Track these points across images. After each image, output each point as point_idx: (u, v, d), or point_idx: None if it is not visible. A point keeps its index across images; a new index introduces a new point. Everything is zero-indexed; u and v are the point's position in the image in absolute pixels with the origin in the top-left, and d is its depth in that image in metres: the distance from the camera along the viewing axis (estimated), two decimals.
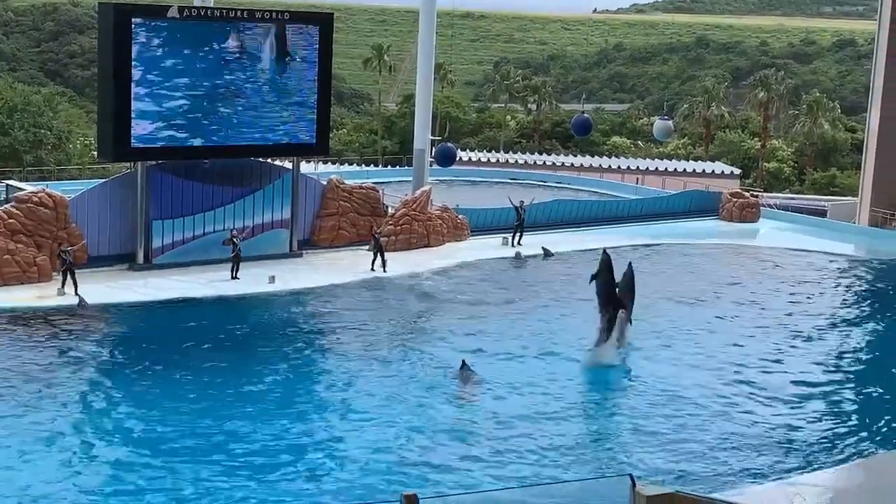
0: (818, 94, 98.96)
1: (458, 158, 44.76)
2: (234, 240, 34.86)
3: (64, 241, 33.16)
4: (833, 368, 28.66)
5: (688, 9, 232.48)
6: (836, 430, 23.82)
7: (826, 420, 24.48)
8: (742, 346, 29.98)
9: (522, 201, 42.45)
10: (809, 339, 31.25)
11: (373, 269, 36.41)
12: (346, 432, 22.53)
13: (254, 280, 34.00)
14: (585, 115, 41.47)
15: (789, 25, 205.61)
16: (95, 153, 52.31)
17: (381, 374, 26.21)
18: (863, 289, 39.59)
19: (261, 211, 37.31)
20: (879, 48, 51.76)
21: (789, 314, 33.94)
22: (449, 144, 43.62)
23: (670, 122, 44.70)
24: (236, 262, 34.48)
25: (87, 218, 34.81)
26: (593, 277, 27.80)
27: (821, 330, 32.46)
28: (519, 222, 41.79)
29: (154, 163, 35.45)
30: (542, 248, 40.93)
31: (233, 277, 34.32)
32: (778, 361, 28.72)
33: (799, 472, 21.21)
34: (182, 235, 35.85)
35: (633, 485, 16.96)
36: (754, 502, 19.33)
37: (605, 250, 28.96)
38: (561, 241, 42.77)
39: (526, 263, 39.75)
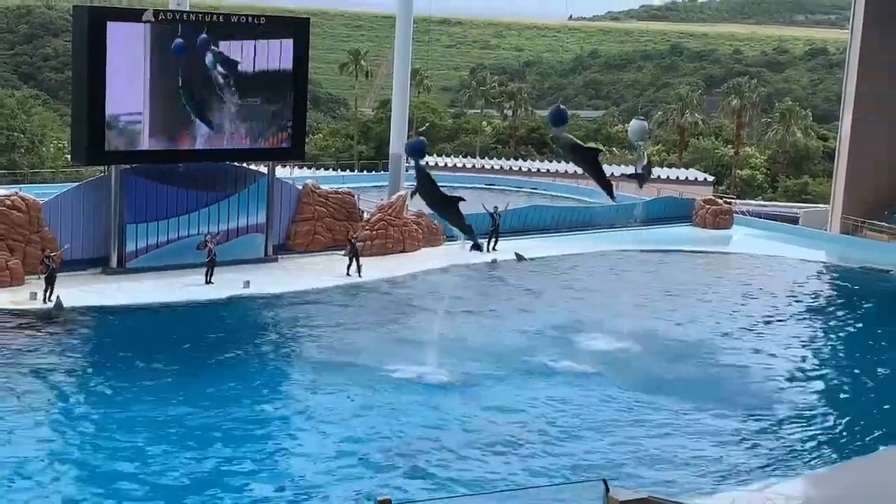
0: (791, 102, 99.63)
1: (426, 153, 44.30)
2: (209, 244, 34.82)
3: (46, 248, 32.99)
4: (802, 375, 28.84)
5: (662, 17, 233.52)
6: (806, 436, 24.02)
7: (796, 426, 24.67)
8: (711, 352, 30.14)
9: (497, 207, 42.55)
10: (779, 345, 31.47)
11: (348, 274, 36.44)
12: (314, 437, 22.52)
13: (228, 284, 33.94)
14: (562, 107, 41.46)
15: (762, 34, 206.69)
16: (69, 156, 52.09)
17: (352, 379, 26.16)
18: (832, 295, 39.92)
19: (236, 215, 37.24)
20: (851, 57, 52.20)
21: (758, 320, 34.17)
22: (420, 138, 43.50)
23: (645, 123, 44.76)
24: (211, 266, 34.43)
25: (60, 221, 34.67)
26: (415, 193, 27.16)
27: (790, 336, 32.73)
28: (494, 228, 41.88)
29: (128, 166, 35.35)
30: (515, 253, 41.03)
31: (207, 282, 34.26)
32: (745, 367, 28.92)
33: (771, 478, 21.36)
34: (156, 239, 35.74)
35: (607, 489, 17.07)
36: None
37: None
38: (536, 246, 42.92)
39: (500, 269, 39.82)
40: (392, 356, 27.90)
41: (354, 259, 36.59)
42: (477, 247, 27.79)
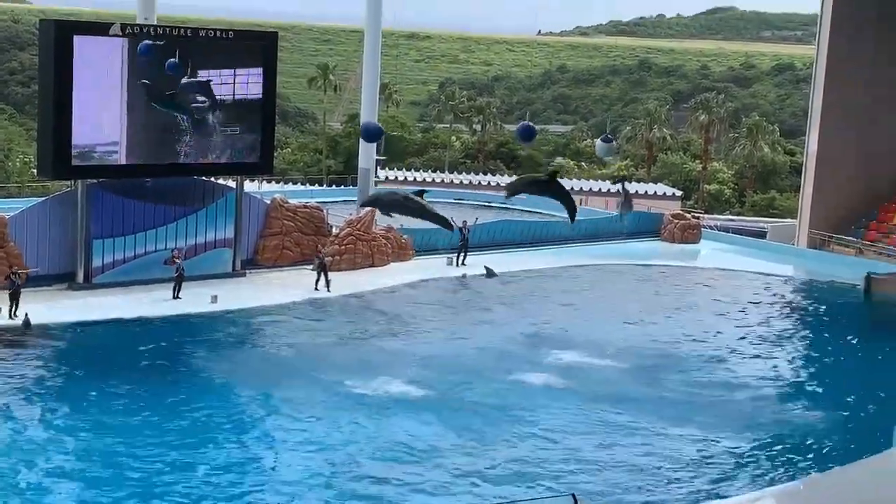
0: (758, 118, 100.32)
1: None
2: (176, 259, 34.58)
3: (13, 264, 32.67)
4: (770, 390, 28.92)
5: (630, 32, 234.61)
6: (777, 452, 24.08)
7: (766, 442, 24.70)
8: (682, 367, 30.20)
9: (466, 222, 42.55)
10: (747, 359, 31.59)
11: (317, 289, 36.29)
12: (277, 454, 22.44)
13: (196, 300, 33.71)
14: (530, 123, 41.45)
15: (729, 49, 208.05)
16: (35, 171, 51.70)
17: (318, 395, 26.00)
18: (800, 309, 40.14)
19: (204, 230, 37.04)
20: (818, 72, 52.56)
21: (725, 335, 34.29)
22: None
23: (613, 143, 44.94)
24: (179, 281, 34.18)
25: (26, 236, 34.34)
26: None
27: (757, 350, 32.85)
28: (463, 243, 41.85)
29: (95, 181, 35.09)
30: (485, 267, 41.01)
31: (175, 297, 34.03)
32: (715, 382, 28.98)
33: (737, 493, 21.37)
34: (123, 254, 35.48)
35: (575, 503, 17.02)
36: None
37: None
38: (505, 261, 42.92)
39: (470, 284, 39.79)
40: (356, 371, 27.74)
41: (323, 274, 36.46)
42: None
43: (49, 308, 32.02)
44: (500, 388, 27.25)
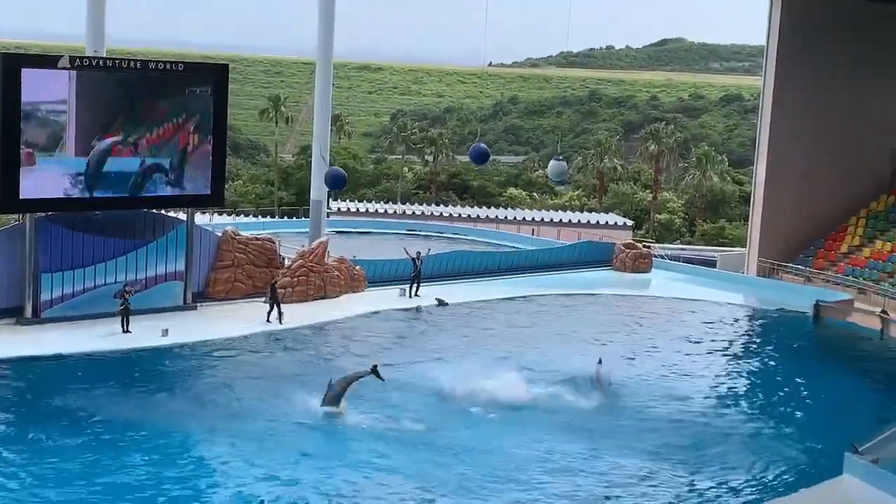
0: (707, 148, 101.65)
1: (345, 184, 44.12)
2: (126, 295, 34.15)
3: None
4: (721, 417, 29.09)
5: (580, 63, 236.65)
6: (720, 479, 24.21)
7: (709, 468, 24.82)
8: (628, 394, 30.29)
9: (420, 252, 42.58)
10: (698, 386, 31.79)
11: (268, 321, 36.11)
12: (217, 490, 22.17)
13: (146, 333, 33.38)
14: (483, 144, 41.81)
15: (678, 80, 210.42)
16: None
17: (266, 429, 25.79)
18: (750, 337, 40.49)
19: (154, 263, 36.75)
20: (765, 103, 53.23)
21: (677, 362, 34.50)
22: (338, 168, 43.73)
23: (564, 163, 45.24)
24: (125, 314, 33.76)
25: None
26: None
27: (709, 377, 33.08)
28: (416, 273, 41.86)
29: (43, 214, 34.77)
30: (436, 298, 41.04)
31: (124, 331, 33.68)
32: (665, 409, 29.12)
33: None
34: (72, 288, 35.12)
35: None
36: None
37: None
38: (457, 291, 42.97)
39: (422, 314, 39.77)
40: (304, 402, 27.62)
41: (275, 306, 36.30)
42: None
43: None
44: (450, 416, 27.19)
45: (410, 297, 41.43)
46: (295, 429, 25.93)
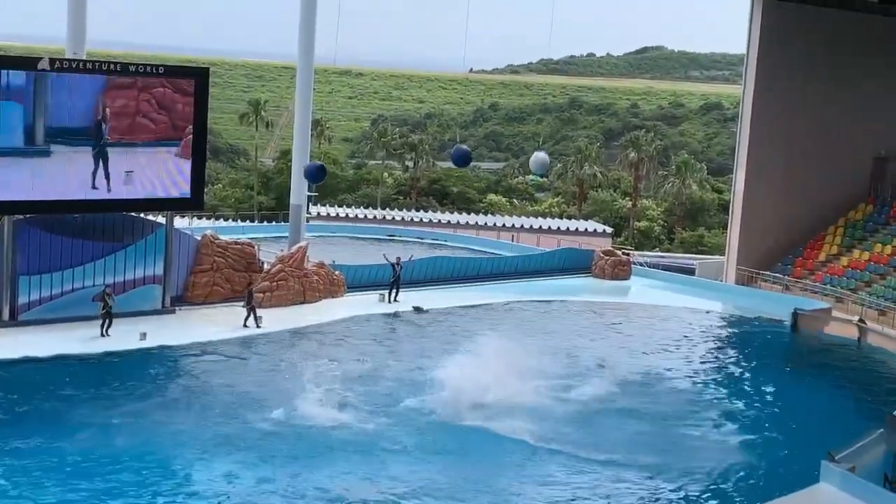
0: (686, 156, 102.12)
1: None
2: (107, 298, 34.01)
3: None
4: (697, 426, 29.11)
5: (561, 70, 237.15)
6: (697, 487, 24.26)
7: (686, 475, 24.84)
8: (606, 401, 30.30)
9: (399, 258, 42.55)
10: (673, 392, 31.87)
11: (245, 325, 36.02)
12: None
13: (125, 337, 33.23)
14: (465, 146, 41.83)
15: (658, 88, 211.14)
16: None
17: (243, 435, 25.68)
18: (728, 345, 40.59)
19: (133, 266, 36.62)
20: (744, 112, 53.52)
21: (656, 369, 34.56)
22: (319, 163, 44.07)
23: (546, 156, 45.33)
24: (106, 318, 33.70)
25: None
26: None
27: (684, 384, 33.18)
28: (395, 279, 41.83)
29: (22, 216, 34.59)
30: (413, 306, 41.02)
31: (103, 335, 33.53)
32: (644, 416, 29.16)
33: None
34: (50, 291, 34.95)
35: None
36: None
37: None
38: (437, 297, 42.97)
39: (400, 320, 39.74)
40: (278, 406, 27.59)
41: (252, 311, 36.21)
42: None
43: None
44: (429, 422, 27.20)
45: (389, 302, 41.40)
46: (266, 433, 25.83)
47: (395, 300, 41.54)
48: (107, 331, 33.61)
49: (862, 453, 23.48)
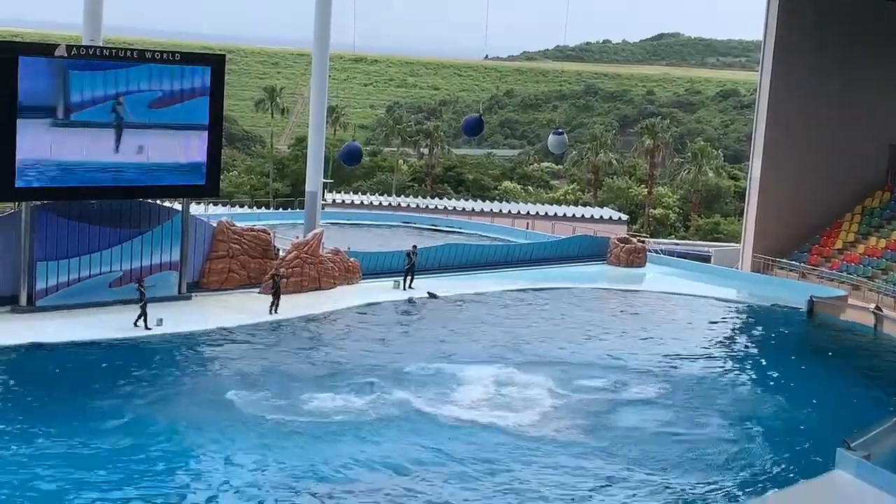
0: (702, 143, 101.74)
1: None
2: (141, 288, 33.93)
3: None
4: (713, 409, 29.11)
5: (576, 57, 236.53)
6: (714, 473, 24.26)
7: (703, 463, 24.86)
8: (617, 387, 30.36)
9: (415, 246, 42.60)
10: (689, 379, 31.85)
11: (275, 312, 36.18)
12: (209, 486, 22.06)
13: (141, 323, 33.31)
14: (479, 115, 41.75)
15: (674, 75, 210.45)
16: None
17: (259, 422, 25.75)
18: (744, 332, 40.57)
19: (149, 253, 36.78)
20: (761, 98, 53.27)
21: (671, 357, 34.54)
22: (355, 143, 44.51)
23: (565, 136, 45.34)
24: (143, 310, 33.33)
25: None
26: None
27: (700, 371, 33.13)
28: (409, 266, 41.85)
29: (39, 203, 34.76)
30: (427, 291, 41.06)
31: (136, 324, 33.20)
32: (658, 405, 29.15)
33: None
34: (67, 277, 35.12)
35: None
36: None
37: None
38: (451, 284, 43.00)
39: (415, 307, 39.78)
40: (304, 392, 27.72)
41: (276, 297, 36.38)
42: None
43: None
44: (440, 408, 27.25)
45: (404, 289, 41.45)
46: (285, 420, 25.93)
47: (409, 287, 41.58)
48: (141, 322, 33.39)
49: (877, 441, 23.45)
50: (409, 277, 41.80)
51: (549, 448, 25.04)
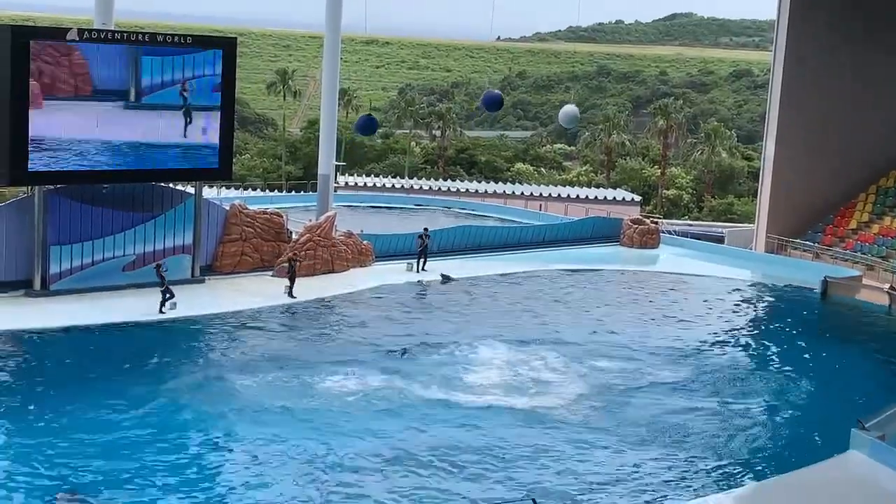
0: (716, 123, 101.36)
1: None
2: (161, 272, 33.78)
3: None
4: (727, 390, 29.03)
5: (589, 38, 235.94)
6: (727, 453, 24.24)
7: (716, 443, 24.83)
8: (631, 368, 30.32)
9: (426, 228, 42.58)
10: (702, 360, 31.82)
11: (293, 296, 36.20)
12: (223, 471, 22.11)
13: (155, 307, 33.39)
14: (497, 91, 41.72)
15: (687, 55, 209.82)
16: None
17: (272, 403, 25.78)
18: (757, 312, 40.51)
19: (162, 236, 36.83)
20: (775, 79, 53.04)
21: (685, 339, 34.49)
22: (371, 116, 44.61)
23: (576, 108, 45.22)
24: (164, 294, 33.31)
25: None
26: None
27: (714, 352, 33.10)
28: (421, 249, 41.77)
29: (52, 187, 34.83)
30: (441, 274, 41.01)
31: (161, 311, 33.20)
32: (671, 387, 29.12)
33: (693, 496, 21.50)
34: (80, 261, 35.20)
35: None
36: None
37: None
38: (465, 266, 42.99)
39: (428, 289, 39.78)
40: (323, 375, 27.76)
41: (292, 280, 36.46)
42: None
43: (2, 315, 31.68)
44: (454, 391, 27.25)
45: (417, 271, 41.45)
46: (298, 402, 26.00)
47: (422, 269, 41.58)
48: (164, 308, 33.30)
49: (892, 421, 23.46)
50: (421, 260, 41.79)
51: (564, 428, 25.02)
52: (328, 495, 20.52)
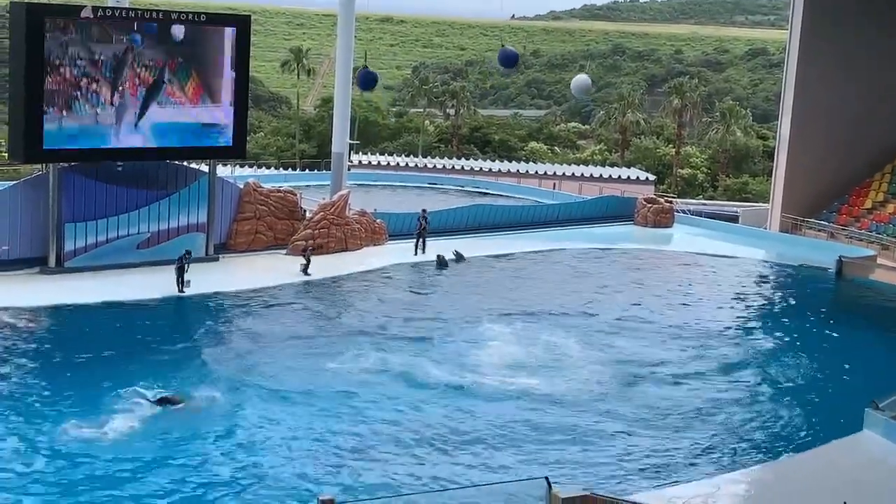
0: (731, 102, 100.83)
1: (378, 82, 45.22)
2: (185, 262, 33.58)
3: None
4: (737, 375, 28.98)
5: (604, 16, 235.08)
6: (742, 433, 24.26)
7: (732, 423, 24.86)
8: (645, 348, 30.30)
9: (425, 210, 42.13)
10: (717, 340, 31.79)
11: (308, 274, 36.31)
12: (249, 442, 22.24)
13: (169, 285, 33.50)
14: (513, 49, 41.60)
15: (703, 34, 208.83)
16: (6, 154, 51.30)
17: (287, 381, 25.90)
18: (771, 292, 40.39)
19: (176, 214, 36.90)
20: (790, 57, 52.78)
21: (696, 316, 34.49)
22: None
23: (589, 79, 44.97)
24: (180, 274, 33.42)
25: None
26: None
27: (728, 331, 33.07)
28: (420, 231, 41.22)
29: (66, 164, 34.89)
30: (455, 251, 40.74)
31: (181, 290, 33.37)
32: (683, 366, 29.12)
33: (705, 476, 21.52)
34: (95, 238, 35.30)
35: (549, 487, 17.14)
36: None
37: None
38: (478, 245, 42.94)
39: (428, 270, 39.57)
40: (332, 353, 27.84)
41: (308, 259, 36.55)
42: None
43: (19, 292, 31.84)
44: (471, 371, 27.27)
45: (416, 253, 40.86)
46: (312, 380, 26.09)
47: (422, 251, 41.03)
48: (182, 287, 33.35)
49: None
50: (421, 241, 41.23)
51: (578, 408, 25.08)
52: (346, 474, 20.61)
